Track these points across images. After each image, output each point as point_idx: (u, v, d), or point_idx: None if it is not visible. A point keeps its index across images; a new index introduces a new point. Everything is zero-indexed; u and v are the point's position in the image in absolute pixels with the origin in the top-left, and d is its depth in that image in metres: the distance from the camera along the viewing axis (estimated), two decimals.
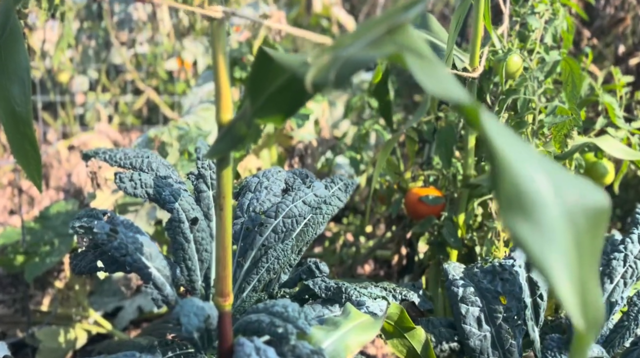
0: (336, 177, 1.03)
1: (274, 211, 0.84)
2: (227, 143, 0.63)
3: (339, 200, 1.01)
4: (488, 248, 1.03)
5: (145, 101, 2.30)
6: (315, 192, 0.87)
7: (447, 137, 1.12)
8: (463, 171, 1.12)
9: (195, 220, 0.76)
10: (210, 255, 0.80)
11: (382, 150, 1.12)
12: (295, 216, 0.84)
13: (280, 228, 0.83)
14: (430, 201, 1.13)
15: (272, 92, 0.55)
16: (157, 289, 0.72)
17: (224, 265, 0.69)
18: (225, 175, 0.67)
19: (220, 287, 0.69)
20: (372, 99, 1.40)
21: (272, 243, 0.83)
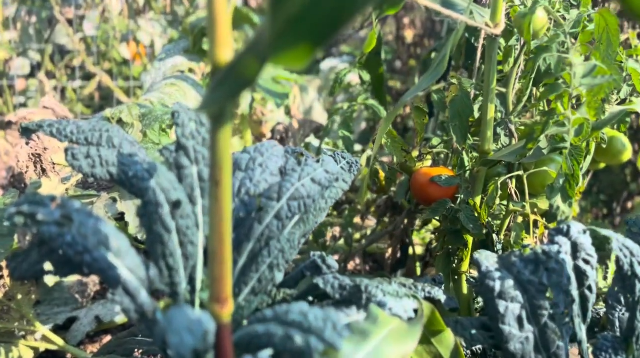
0: (337, 154, 0.86)
1: (276, 192, 0.66)
2: (229, 89, 0.45)
3: (344, 181, 0.84)
4: (517, 234, 0.89)
5: (96, 86, 2.06)
6: (326, 167, 0.69)
7: (462, 107, 0.97)
8: (480, 146, 0.97)
9: (177, 204, 0.58)
10: (196, 248, 0.61)
11: (384, 122, 0.96)
12: (303, 198, 0.67)
13: (285, 214, 0.66)
14: (444, 182, 0.98)
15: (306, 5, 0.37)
16: (129, 296, 0.53)
17: (221, 260, 0.50)
18: (223, 137, 0.49)
19: (216, 290, 0.51)
20: (363, 71, 1.23)
21: (275, 232, 0.65)
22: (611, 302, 0.85)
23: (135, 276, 0.53)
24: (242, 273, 0.65)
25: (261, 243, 0.65)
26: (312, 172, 0.68)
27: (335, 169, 0.69)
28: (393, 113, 0.93)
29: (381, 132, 0.94)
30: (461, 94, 0.97)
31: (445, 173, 1.00)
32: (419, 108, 0.99)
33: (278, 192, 0.66)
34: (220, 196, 0.50)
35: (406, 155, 1.00)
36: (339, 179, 0.78)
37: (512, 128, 0.99)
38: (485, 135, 0.96)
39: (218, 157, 0.49)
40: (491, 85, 0.94)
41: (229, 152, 0.49)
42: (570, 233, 0.77)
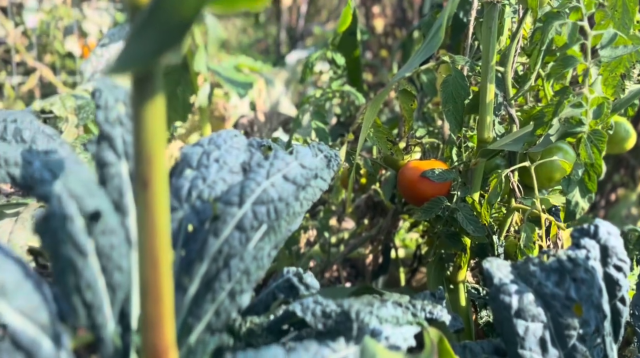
0: (313, 146, 0.71)
1: (237, 195, 0.50)
2: (157, 35, 0.29)
3: (322, 179, 0.69)
4: (528, 236, 0.75)
5: (37, 82, 1.85)
6: (301, 161, 0.54)
7: (456, 89, 0.82)
8: (479, 134, 0.83)
9: (96, 215, 0.41)
10: (127, 275, 0.45)
11: (369, 109, 0.81)
12: (273, 201, 0.51)
13: (249, 223, 0.50)
14: (437, 177, 0.83)
15: None
16: (21, 351, 0.36)
17: (156, 295, 0.35)
18: (152, 113, 0.33)
19: (152, 338, 0.35)
20: (337, 54, 1.08)
21: (237, 247, 0.49)
22: (637, 312, 0.72)
23: (33, 322, 0.36)
24: (194, 304, 0.49)
25: (218, 264, 0.48)
26: (283, 167, 0.52)
27: (313, 163, 0.54)
28: (380, 97, 0.78)
29: (367, 120, 0.79)
30: (454, 74, 0.83)
31: (438, 166, 0.85)
32: (406, 91, 0.84)
33: (240, 195, 0.50)
34: (150, 202, 0.33)
35: (392, 147, 0.85)
36: (318, 176, 0.63)
37: (513, 112, 0.86)
38: (484, 121, 0.82)
39: (145, 145, 0.33)
40: (490, 62, 0.80)
41: (162, 137, 0.33)
42: (598, 234, 0.64)
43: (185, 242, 0.51)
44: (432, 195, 0.84)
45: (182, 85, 1.24)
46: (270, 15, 4.65)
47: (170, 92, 1.24)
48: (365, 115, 0.78)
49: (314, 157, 0.54)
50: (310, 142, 0.75)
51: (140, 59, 0.30)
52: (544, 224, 0.77)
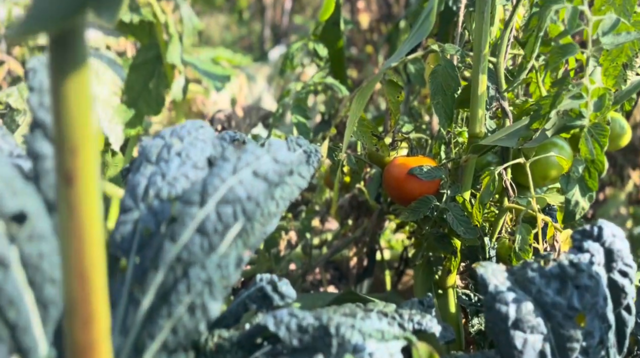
0: (291, 140, 0.64)
1: (199, 193, 0.44)
2: None
3: (300, 176, 0.62)
4: (523, 239, 0.69)
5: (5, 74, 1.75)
6: (275, 155, 0.47)
7: (446, 80, 0.76)
8: (470, 128, 0.78)
9: (20, 217, 0.34)
10: None
11: (356, 101, 0.75)
12: (241, 200, 0.44)
13: (212, 226, 0.43)
14: (425, 174, 0.77)
15: None
16: None
17: (85, 315, 0.28)
18: (75, 88, 0.26)
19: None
20: (319, 44, 1.02)
21: (198, 254, 0.43)
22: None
23: None
24: (148, 320, 0.42)
25: (176, 273, 0.42)
26: (253, 161, 0.45)
27: (288, 158, 0.47)
28: (368, 88, 0.72)
29: (353, 114, 0.72)
30: (444, 64, 0.77)
31: (426, 163, 0.80)
32: (393, 82, 0.78)
33: (201, 193, 0.43)
34: (75, 201, 0.27)
35: (377, 142, 0.79)
36: (294, 173, 0.57)
37: (506, 105, 0.80)
38: (476, 114, 0.77)
39: (68, 129, 0.26)
40: (483, 50, 0.74)
41: (87, 119, 0.26)
42: (602, 236, 0.58)
43: (140, 248, 0.45)
44: (419, 194, 0.78)
45: (155, 78, 1.17)
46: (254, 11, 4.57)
47: (143, 85, 1.16)
48: (351, 107, 0.72)
49: (289, 151, 0.48)
50: (289, 136, 0.69)
51: (55, 16, 0.23)
52: (540, 225, 0.71)
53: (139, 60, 1.16)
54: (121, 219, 0.47)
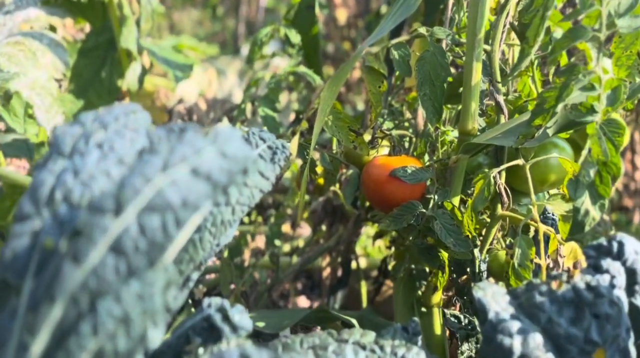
0: (253, 133, 0.54)
1: (114, 197, 0.33)
2: None
3: (263, 176, 0.52)
4: (524, 254, 0.59)
5: None
6: (222, 148, 0.36)
7: (434, 68, 0.66)
8: (460, 125, 0.68)
9: None
10: None
11: (327, 88, 0.64)
12: (173, 207, 0.33)
13: (132, 243, 0.32)
14: (409, 177, 0.67)
15: None
16: None
17: None
18: None
19: None
20: (291, 30, 0.91)
21: (111, 281, 0.31)
22: None
23: None
24: None
25: (80, 307, 0.30)
26: (191, 156, 0.34)
27: (240, 153, 0.36)
28: (342, 73, 0.62)
29: (324, 103, 0.62)
30: (433, 50, 0.67)
31: (410, 164, 0.69)
32: (374, 70, 0.68)
33: (117, 197, 0.32)
34: None
35: (355, 138, 0.69)
36: (251, 172, 0.46)
37: (501, 99, 0.70)
38: (469, 108, 0.67)
39: None
40: (478, 34, 0.64)
41: None
42: (623, 254, 0.48)
43: (39, 270, 0.33)
44: (402, 199, 0.68)
45: (107, 65, 1.04)
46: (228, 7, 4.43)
47: (93, 73, 1.04)
48: (322, 95, 0.61)
49: (244, 144, 0.37)
50: (250, 129, 0.58)
51: None
52: (542, 237, 0.61)
53: (89, 44, 1.03)
54: (16, 230, 0.35)
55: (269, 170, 0.54)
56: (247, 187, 0.52)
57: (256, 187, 0.52)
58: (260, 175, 0.53)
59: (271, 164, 0.55)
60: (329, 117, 0.69)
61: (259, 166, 0.53)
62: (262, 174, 0.53)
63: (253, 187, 0.52)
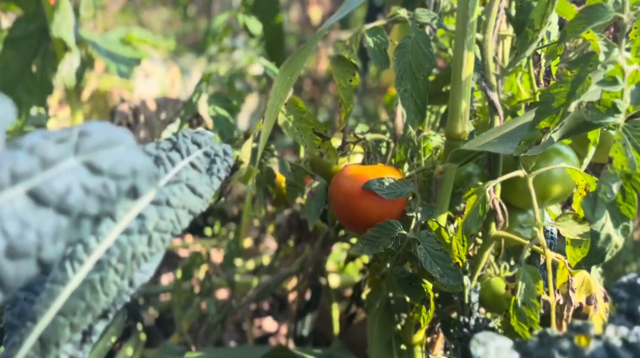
0: (184, 135, 0.41)
1: None
2: None
3: (193, 192, 0.39)
4: (529, 289, 0.47)
5: None
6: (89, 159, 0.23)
7: (416, 58, 0.54)
8: (449, 128, 0.56)
9: None
10: None
11: (280, 75, 0.51)
12: None
13: None
14: (387, 191, 0.55)
15: None
16: None
17: None
18: None
19: None
20: (251, 18, 0.78)
21: None
22: None
23: None
24: None
25: None
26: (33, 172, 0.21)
27: (126, 165, 0.23)
28: (297, 59, 0.49)
29: (276, 94, 0.49)
30: (415, 36, 0.55)
31: (387, 175, 0.57)
32: (344, 60, 0.55)
33: None
34: None
35: (321, 144, 0.56)
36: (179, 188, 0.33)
37: (495, 98, 0.59)
38: (458, 108, 0.55)
39: None
40: (470, 17, 0.52)
41: None
42: None
43: None
44: (378, 218, 0.55)
45: (39, 58, 0.90)
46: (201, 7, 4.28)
47: (23, 66, 0.89)
48: (274, 86, 0.49)
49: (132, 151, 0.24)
50: (183, 131, 0.45)
51: None
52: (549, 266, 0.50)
53: (17, 32, 0.89)
54: None
55: (203, 184, 0.41)
56: (170, 207, 0.39)
57: (184, 207, 0.39)
58: (191, 190, 0.40)
59: (207, 176, 0.42)
60: (290, 117, 0.56)
61: (189, 179, 0.41)
62: (193, 189, 0.40)
63: (179, 207, 0.39)
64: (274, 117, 0.53)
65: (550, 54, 0.65)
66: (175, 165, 0.41)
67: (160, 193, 0.39)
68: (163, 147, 0.42)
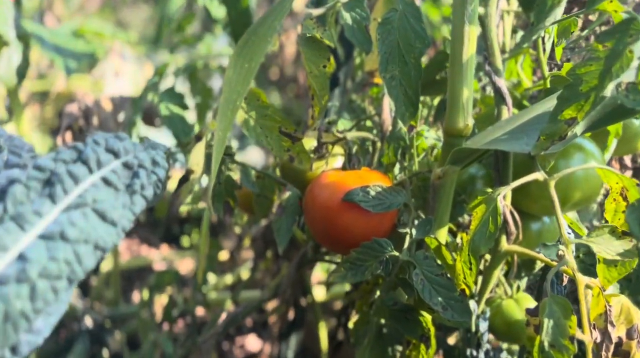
0: (96, 141, 0.29)
1: None
2: None
3: (102, 219, 0.28)
4: (558, 325, 0.36)
5: None
6: None
7: (405, 36, 0.44)
8: (447, 122, 0.45)
9: None
10: None
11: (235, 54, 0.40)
12: None
13: None
14: (373, 202, 0.44)
15: None
16: None
17: None
18: None
19: None
20: (212, 1, 0.67)
21: None
22: None
23: None
24: None
25: None
26: None
27: None
28: (256, 39, 0.38)
29: (229, 82, 0.38)
30: (403, 9, 0.44)
31: (374, 181, 0.46)
32: (315, 41, 0.45)
33: None
34: None
35: (291, 146, 0.45)
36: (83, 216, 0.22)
37: (502, 83, 0.48)
38: (458, 97, 0.44)
39: None
40: None
41: None
42: None
43: None
44: (363, 236, 0.45)
45: None
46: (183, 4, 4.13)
47: None
48: (225, 77, 0.38)
49: None
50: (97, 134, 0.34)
51: None
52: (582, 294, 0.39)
53: None
54: None
55: (119, 206, 0.30)
56: (66, 243, 0.28)
57: (87, 241, 0.28)
58: (99, 217, 0.29)
59: (126, 196, 0.31)
60: (251, 114, 0.45)
61: (98, 201, 0.30)
62: (103, 215, 0.29)
63: (79, 241, 0.28)
64: (232, 114, 0.42)
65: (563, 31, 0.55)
66: (79, 182, 0.30)
67: (54, 224, 0.28)
68: (63, 158, 0.31)
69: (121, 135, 0.33)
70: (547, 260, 0.42)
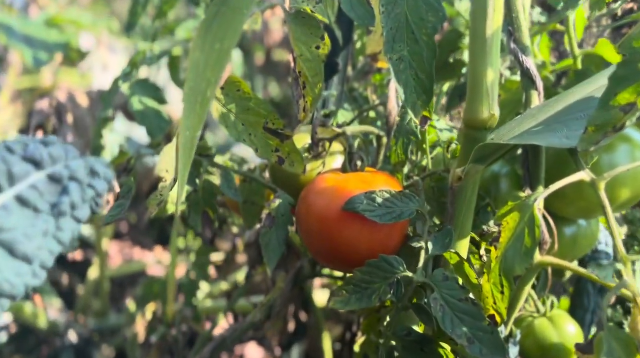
0: (8, 150, 0.20)
1: None
2: None
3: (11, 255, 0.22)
4: (611, 352, 0.29)
5: None
6: None
7: (415, 9, 0.36)
8: (467, 112, 0.37)
9: None
10: None
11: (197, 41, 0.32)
12: None
13: None
14: (380, 211, 0.36)
15: None
16: None
17: None
18: None
19: None
20: None
21: None
22: None
23: None
24: None
25: None
26: None
27: None
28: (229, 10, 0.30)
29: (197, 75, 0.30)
30: None
31: (380, 186, 0.38)
32: (306, 16, 0.36)
33: None
34: None
35: (280, 145, 0.37)
36: None
37: (531, 64, 0.40)
38: (481, 81, 0.36)
39: None
40: None
41: None
42: None
43: None
44: (369, 252, 0.37)
45: None
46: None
47: None
48: (190, 60, 0.30)
49: None
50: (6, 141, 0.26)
51: None
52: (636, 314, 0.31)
53: None
54: None
55: (37, 235, 0.23)
56: None
57: None
58: (7, 252, 0.22)
59: (50, 220, 0.23)
60: (230, 107, 0.38)
61: (5, 230, 0.22)
62: (11, 248, 0.22)
63: None
64: (202, 108, 0.34)
65: (597, 2, 0.47)
66: None
67: None
68: None
69: (49, 139, 0.26)
70: (601, 281, 0.34)
